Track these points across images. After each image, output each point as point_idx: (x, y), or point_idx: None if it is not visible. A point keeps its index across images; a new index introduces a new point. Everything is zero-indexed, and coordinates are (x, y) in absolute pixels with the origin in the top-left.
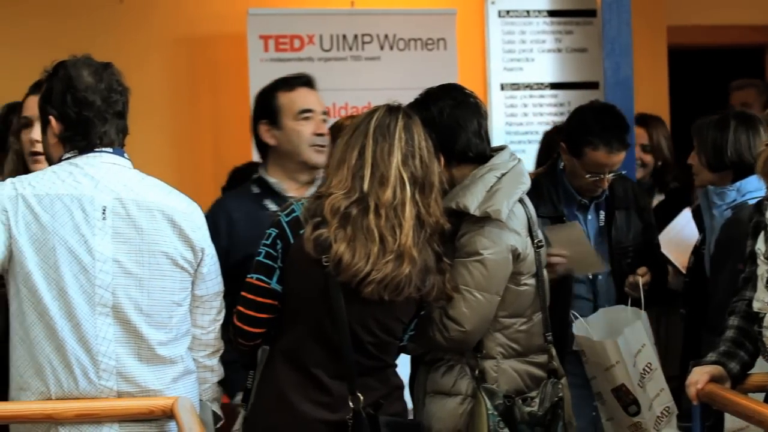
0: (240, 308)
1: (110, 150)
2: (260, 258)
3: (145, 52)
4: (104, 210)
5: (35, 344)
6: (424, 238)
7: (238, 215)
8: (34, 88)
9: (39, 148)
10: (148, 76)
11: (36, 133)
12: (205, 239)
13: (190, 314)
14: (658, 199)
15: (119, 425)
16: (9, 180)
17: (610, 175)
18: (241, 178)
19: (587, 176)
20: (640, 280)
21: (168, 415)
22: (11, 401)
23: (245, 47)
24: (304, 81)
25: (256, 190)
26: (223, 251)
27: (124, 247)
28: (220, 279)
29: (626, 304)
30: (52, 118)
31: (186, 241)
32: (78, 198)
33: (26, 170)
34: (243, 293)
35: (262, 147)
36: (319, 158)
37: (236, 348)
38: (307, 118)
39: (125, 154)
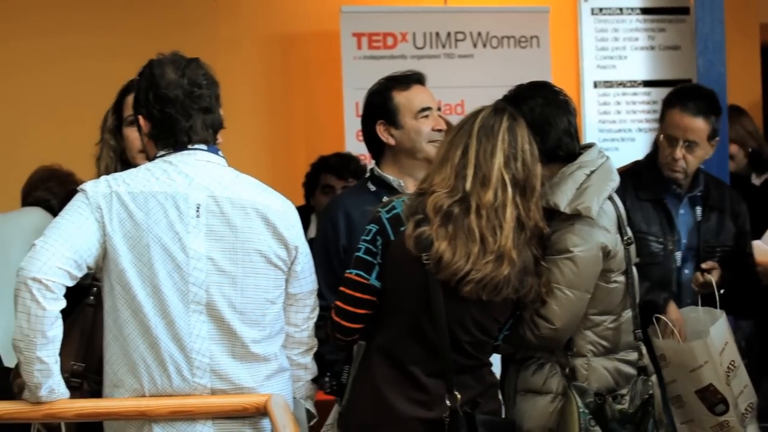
0: (338, 303)
1: (204, 147)
2: (360, 254)
3: (240, 50)
4: (198, 208)
5: (129, 342)
6: (524, 240)
7: (356, 213)
8: (130, 87)
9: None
10: (242, 74)
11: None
12: (299, 237)
13: (284, 312)
14: (759, 180)
15: (213, 422)
16: (103, 177)
17: (685, 146)
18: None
19: (666, 148)
20: (712, 278)
21: (262, 412)
22: (105, 398)
23: (338, 45)
24: (417, 78)
25: (372, 187)
26: (342, 249)
27: (218, 244)
28: (314, 277)
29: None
30: (140, 117)
31: (280, 239)
32: (172, 196)
33: (124, 167)
34: (341, 288)
35: (376, 146)
36: None
37: (333, 343)
38: (426, 116)
39: (219, 152)
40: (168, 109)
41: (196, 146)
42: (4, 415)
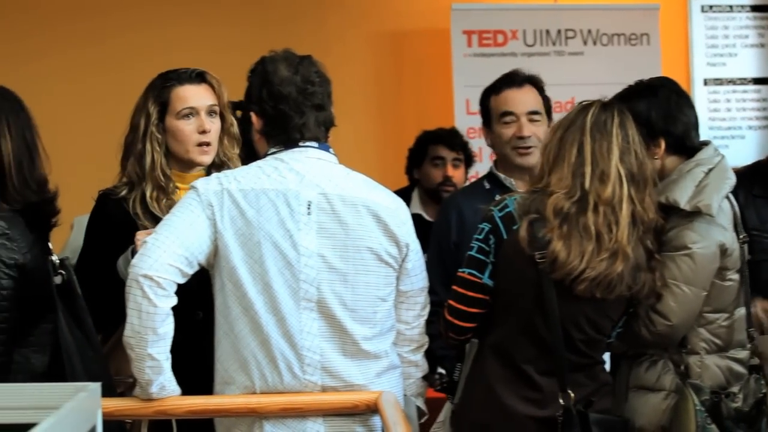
0: (451, 302)
1: (316, 145)
2: (472, 252)
3: (350, 47)
4: (309, 205)
5: (240, 339)
6: (638, 235)
7: (469, 211)
8: (197, 78)
9: (208, 138)
10: (353, 72)
11: (207, 123)
12: (409, 235)
13: (395, 310)
14: None
15: (323, 419)
16: (214, 175)
17: None
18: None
19: None
20: None
21: (372, 409)
22: (216, 395)
23: (449, 42)
24: (510, 81)
25: (487, 185)
26: (453, 246)
27: (329, 242)
28: (425, 275)
29: None
30: (253, 114)
31: (391, 236)
32: (283, 193)
33: (167, 162)
34: (454, 287)
35: None
36: (522, 160)
37: (446, 342)
38: (506, 123)
39: (331, 149)
40: (281, 106)
41: (308, 143)
42: (115, 412)
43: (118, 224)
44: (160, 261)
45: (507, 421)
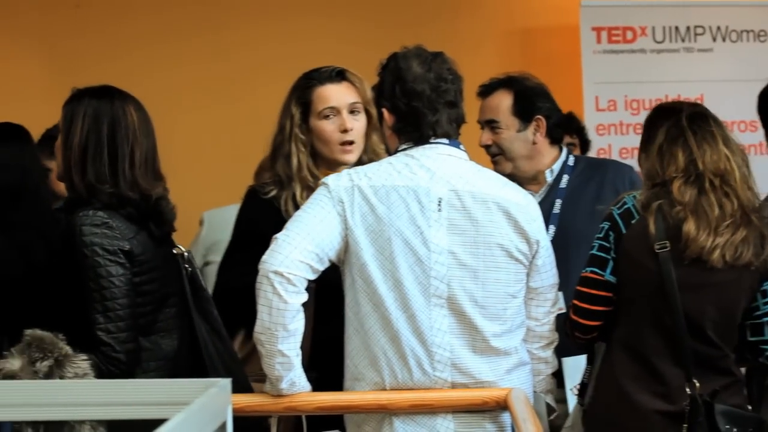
0: (575, 302)
1: (446, 141)
2: (594, 251)
3: (479, 42)
4: (440, 201)
5: (370, 335)
6: (753, 206)
7: None
8: (338, 77)
9: (351, 137)
10: (481, 68)
11: (349, 122)
12: (540, 231)
13: (525, 306)
14: None
15: (453, 415)
16: (345, 171)
17: None
18: None
19: None
20: None
21: (502, 406)
22: (346, 391)
23: (578, 39)
24: None
25: None
26: None
27: (460, 238)
28: (555, 271)
29: None
30: (385, 111)
31: (521, 233)
32: (414, 189)
33: (315, 161)
34: (578, 287)
35: None
36: None
37: (573, 342)
38: None
39: (461, 146)
40: (414, 103)
41: (439, 140)
42: (246, 408)
43: (267, 222)
44: (291, 257)
45: (635, 416)
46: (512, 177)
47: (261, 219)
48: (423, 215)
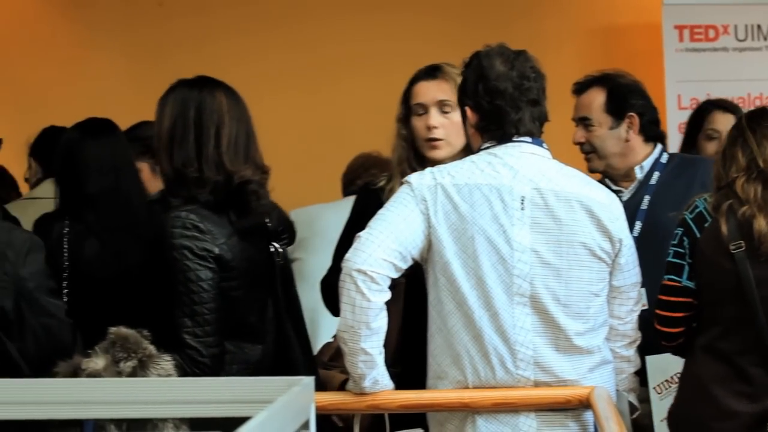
0: (657, 311)
1: (529, 140)
2: (669, 258)
3: (562, 41)
4: (522, 200)
5: (453, 333)
6: None
7: None
8: (432, 73)
9: (436, 134)
10: (564, 67)
11: (434, 119)
12: (623, 230)
13: (608, 305)
14: None
15: (536, 413)
16: (428, 170)
17: None
18: None
19: None
20: None
21: (585, 404)
22: (429, 390)
23: (660, 37)
24: None
25: None
26: None
27: (543, 237)
28: (637, 270)
29: None
30: (468, 109)
31: (604, 231)
32: (497, 188)
33: (416, 157)
34: (659, 296)
35: None
36: None
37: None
38: None
39: (544, 144)
40: (498, 101)
41: (522, 138)
42: (328, 406)
43: (371, 213)
44: (374, 256)
45: (721, 417)
46: (604, 174)
47: (368, 210)
48: (506, 213)
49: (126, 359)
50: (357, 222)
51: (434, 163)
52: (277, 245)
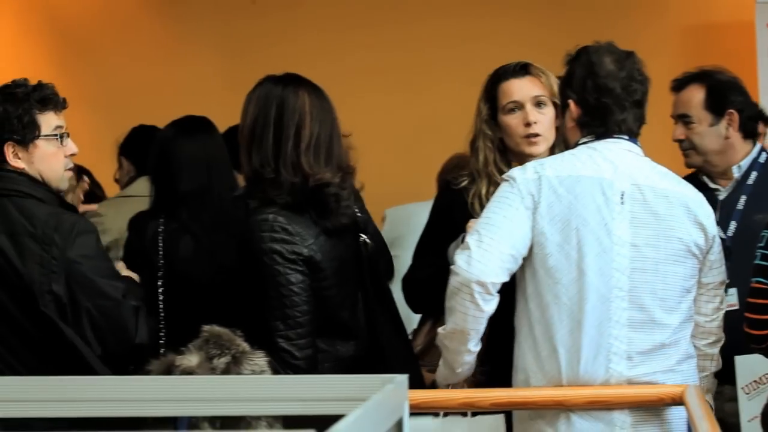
0: (746, 314)
1: (626, 137)
2: (757, 261)
3: (654, 41)
4: (622, 195)
5: (550, 327)
6: None
7: None
8: (521, 71)
9: (535, 129)
10: (656, 66)
11: (533, 114)
12: (715, 227)
13: (695, 301)
14: None
15: (629, 410)
16: (529, 164)
17: None
18: None
19: None
20: None
21: (677, 402)
22: (521, 387)
23: (753, 36)
24: None
25: None
26: None
27: (641, 231)
28: (724, 268)
29: None
30: (571, 102)
31: (700, 227)
32: (599, 181)
33: (502, 157)
34: (747, 299)
35: None
36: None
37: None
38: None
39: (638, 143)
40: (605, 99)
41: (620, 136)
42: (422, 404)
43: (455, 212)
44: (491, 266)
45: None
46: (702, 170)
47: (450, 209)
48: (607, 207)
49: (219, 355)
50: (438, 220)
51: (524, 160)
52: (365, 237)
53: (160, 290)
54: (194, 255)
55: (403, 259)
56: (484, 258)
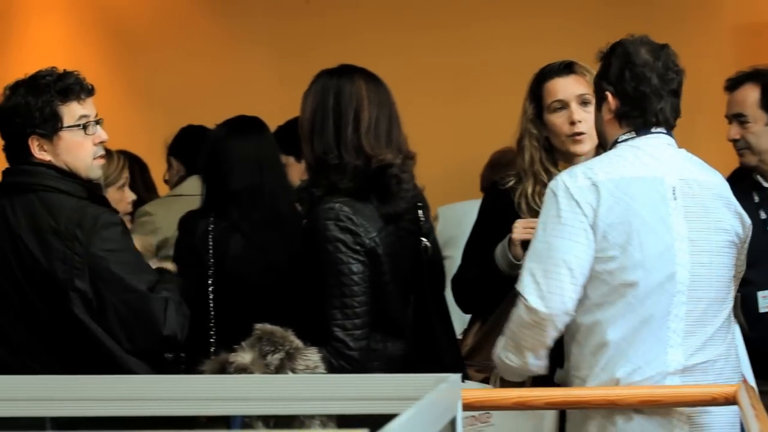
0: None
1: (664, 131)
2: None
3: (710, 40)
4: (674, 190)
5: (607, 324)
6: None
7: None
8: (565, 69)
9: (581, 128)
10: (711, 65)
11: (578, 113)
12: (748, 216)
13: None
14: None
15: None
16: (578, 170)
17: None
18: None
19: None
20: None
21: (730, 401)
22: (576, 387)
23: None
24: None
25: None
26: None
27: (695, 225)
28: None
29: None
30: (608, 94)
31: (739, 217)
32: (650, 179)
33: (548, 155)
34: None
35: None
36: None
37: None
38: None
39: (672, 135)
40: (643, 87)
41: (659, 130)
42: (475, 403)
43: (502, 213)
44: (566, 298)
45: None
46: (756, 170)
47: (497, 209)
48: (663, 204)
49: (273, 352)
50: (485, 221)
51: (573, 159)
52: (426, 241)
53: (210, 289)
54: (244, 253)
55: (456, 260)
56: (559, 291)
